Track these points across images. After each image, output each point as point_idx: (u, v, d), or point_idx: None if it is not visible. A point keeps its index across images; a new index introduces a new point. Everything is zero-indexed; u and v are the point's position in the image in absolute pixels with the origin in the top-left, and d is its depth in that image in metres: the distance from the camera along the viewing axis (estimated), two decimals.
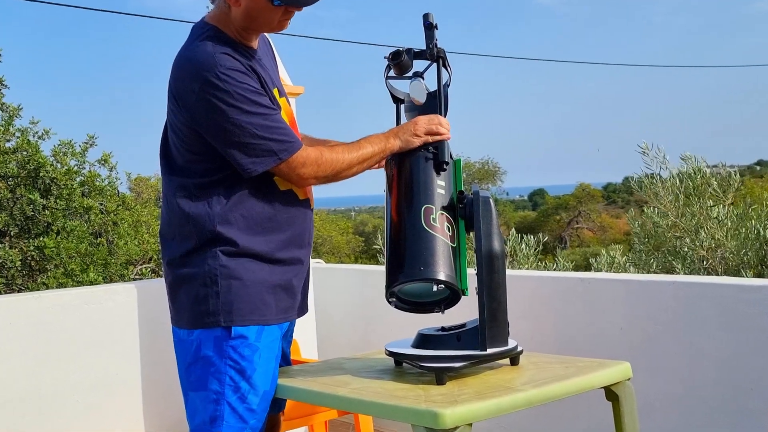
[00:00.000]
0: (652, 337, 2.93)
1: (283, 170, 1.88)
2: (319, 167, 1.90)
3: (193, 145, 1.87)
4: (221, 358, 1.86)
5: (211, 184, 1.88)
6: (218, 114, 1.80)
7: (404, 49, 2.02)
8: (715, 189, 5.85)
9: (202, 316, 1.87)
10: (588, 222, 32.41)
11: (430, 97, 2.06)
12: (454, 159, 2.00)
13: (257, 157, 1.84)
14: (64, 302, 3.32)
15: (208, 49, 1.83)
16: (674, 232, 5.83)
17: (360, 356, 2.26)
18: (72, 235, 7.62)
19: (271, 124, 1.85)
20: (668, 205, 5.87)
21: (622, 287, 3.05)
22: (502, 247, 1.89)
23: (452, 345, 1.89)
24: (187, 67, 1.84)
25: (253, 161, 1.84)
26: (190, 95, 1.82)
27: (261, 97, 1.84)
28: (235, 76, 1.80)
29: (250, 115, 1.81)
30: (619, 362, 1.96)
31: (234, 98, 1.79)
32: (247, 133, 1.81)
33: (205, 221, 1.87)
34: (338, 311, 4.22)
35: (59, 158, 8.02)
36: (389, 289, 1.87)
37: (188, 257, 1.89)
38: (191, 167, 1.90)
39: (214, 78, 1.78)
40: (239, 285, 1.86)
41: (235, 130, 1.81)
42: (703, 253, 5.60)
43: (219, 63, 1.80)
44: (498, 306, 1.86)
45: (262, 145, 1.83)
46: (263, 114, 1.83)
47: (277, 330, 1.94)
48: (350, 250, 23.59)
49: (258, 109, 1.82)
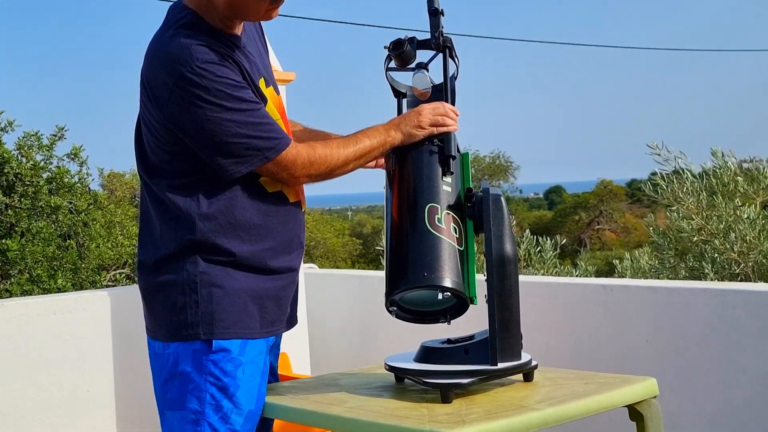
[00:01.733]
0: (682, 349, 2.93)
1: (271, 170, 1.88)
2: (312, 165, 1.90)
3: (169, 144, 1.87)
4: (201, 373, 1.86)
5: (189, 185, 1.88)
6: (195, 112, 1.79)
7: (407, 38, 2.02)
8: (744, 187, 5.84)
9: (179, 328, 1.87)
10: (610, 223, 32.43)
11: (436, 90, 2.05)
12: (462, 153, 2.00)
13: (240, 156, 1.83)
14: (29, 312, 3.32)
15: (183, 40, 1.82)
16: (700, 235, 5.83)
17: (357, 371, 2.26)
18: (38, 238, 7.62)
19: (255, 120, 1.84)
20: (691, 207, 5.87)
21: (648, 295, 3.05)
22: (514, 250, 1.88)
23: (459, 359, 1.89)
24: (161, 60, 1.83)
25: (236, 162, 1.83)
26: (163, 91, 1.81)
27: (243, 91, 1.84)
28: (214, 70, 1.80)
29: (231, 111, 1.81)
30: (645, 378, 1.96)
31: (212, 94, 1.79)
32: (228, 132, 1.81)
33: (184, 224, 1.87)
34: (333, 321, 4.22)
35: (24, 152, 8.03)
36: (390, 297, 1.87)
37: (165, 263, 1.89)
38: (167, 167, 1.89)
39: (189, 72, 1.78)
40: (221, 294, 1.86)
41: (215, 129, 1.80)
42: (734, 256, 5.59)
43: (195, 56, 1.79)
44: (510, 315, 1.86)
45: (245, 144, 1.83)
46: (246, 110, 1.83)
47: (263, 343, 1.94)
48: (347, 254, 23.60)
49: (240, 105, 1.82)
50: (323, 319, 4.22)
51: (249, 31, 2.02)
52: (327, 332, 4.22)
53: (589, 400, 1.83)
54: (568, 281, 3.46)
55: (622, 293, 3.12)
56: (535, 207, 45.66)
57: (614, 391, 1.88)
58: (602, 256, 22.09)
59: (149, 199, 1.94)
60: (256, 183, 1.92)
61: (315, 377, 2.23)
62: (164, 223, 1.90)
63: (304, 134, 2.17)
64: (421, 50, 2.04)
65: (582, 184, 47.56)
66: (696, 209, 5.86)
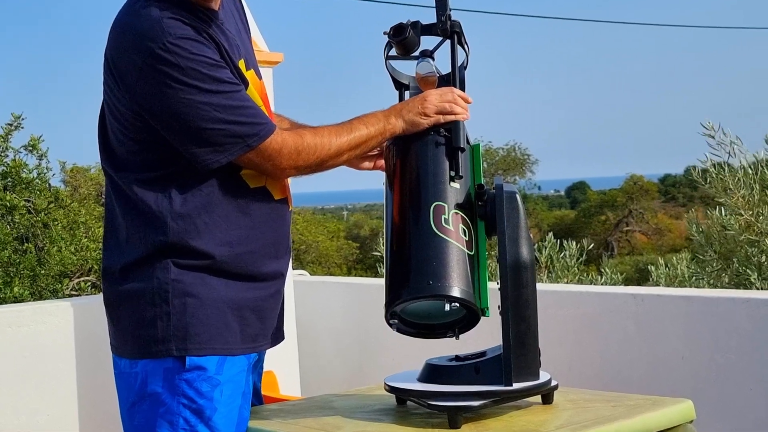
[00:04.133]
0: (722, 367, 2.93)
1: (254, 160, 1.88)
2: (299, 154, 1.90)
3: (137, 132, 1.88)
4: (173, 395, 1.86)
5: (160, 180, 1.88)
6: (166, 93, 1.80)
7: (409, 23, 2.02)
8: None
9: (148, 344, 1.87)
10: (641, 223, 32.45)
11: (442, 81, 2.06)
12: (472, 144, 2.00)
13: (218, 145, 1.83)
14: None
15: (153, 13, 1.82)
16: (748, 234, 5.81)
17: (354, 392, 2.27)
18: None
19: (236, 103, 1.85)
20: (740, 202, 5.85)
21: (683, 305, 3.06)
22: (531, 255, 1.89)
23: (469, 378, 1.89)
24: (128, 35, 1.84)
25: (213, 150, 1.84)
26: (131, 71, 1.82)
27: (221, 70, 1.84)
28: (188, 47, 1.80)
29: (208, 93, 1.81)
30: (680, 400, 1.97)
31: (186, 74, 1.79)
32: (204, 116, 1.81)
33: (154, 224, 1.87)
34: (326, 336, 4.22)
35: None
36: (390, 309, 1.87)
37: (132, 269, 1.90)
38: (135, 159, 1.90)
39: (161, 50, 1.79)
40: (196, 304, 1.86)
41: (189, 113, 1.81)
42: None
43: (167, 31, 1.80)
44: (527, 329, 1.86)
45: (224, 130, 1.83)
46: (225, 92, 1.83)
47: (244, 360, 1.94)
48: (342, 259, 23.62)
49: (218, 86, 1.82)
50: (315, 333, 4.22)
51: (227, 6, 2.02)
52: (319, 348, 4.22)
53: (617, 425, 1.83)
54: (592, 290, 3.47)
55: (654, 303, 3.12)
56: (556, 206, 45.73)
57: (645, 415, 1.89)
58: (631, 261, 22.12)
59: (115, 197, 1.94)
60: (237, 177, 1.92)
61: (306, 399, 2.23)
62: (132, 223, 1.90)
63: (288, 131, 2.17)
64: (426, 36, 2.04)
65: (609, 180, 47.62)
66: (745, 204, 5.84)
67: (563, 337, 3.24)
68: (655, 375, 3.08)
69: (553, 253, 6.96)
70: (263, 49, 3.71)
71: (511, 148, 33.41)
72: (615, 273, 7.42)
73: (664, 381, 3.04)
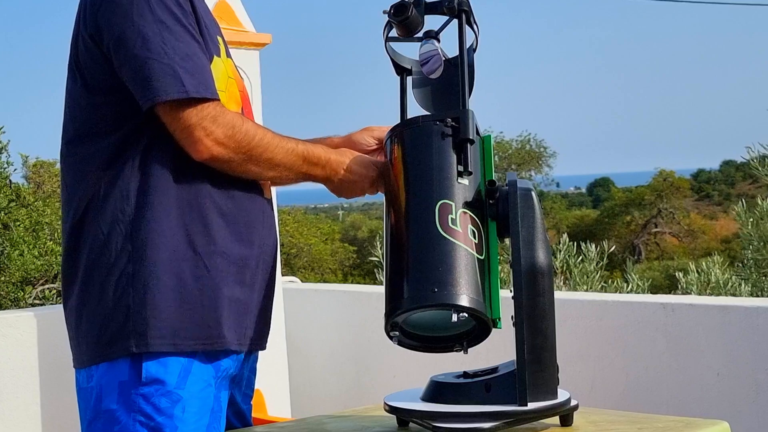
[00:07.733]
0: (762, 385, 2.94)
1: (185, 118, 1.88)
2: (235, 131, 1.91)
3: (98, 82, 1.92)
4: (128, 411, 1.86)
5: (124, 151, 1.90)
6: (120, 13, 1.87)
7: (412, 0, 2.02)
8: None
9: (103, 345, 1.88)
10: (671, 224, 32.49)
11: (449, 65, 2.06)
12: (483, 136, 2.00)
13: (158, 80, 1.86)
14: None
15: None
16: None
17: (350, 413, 2.27)
18: None
19: (189, 51, 1.89)
20: None
21: (719, 316, 3.06)
22: (549, 259, 1.89)
23: (479, 398, 1.89)
24: None
25: (151, 82, 1.86)
26: None
27: (186, 16, 1.90)
28: None
29: (162, 25, 1.87)
30: (715, 422, 1.97)
31: (153, 8, 1.86)
32: (151, 46, 1.86)
33: (114, 206, 1.89)
34: (319, 350, 4.22)
35: None
36: (391, 320, 1.87)
37: (89, 263, 1.90)
38: (95, 129, 1.93)
39: None
40: (158, 297, 1.86)
41: (137, 40, 1.86)
42: None
43: None
44: (544, 342, 1.86)
45: (166, 68, 1.86)
46: (180, 34, 1.88)
47: (209, 372, 1.93)
48: (337, 264, 23.66)
49: (174, 25, 1.88)
50: (306, 347, 4.22)
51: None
52: (311, 363, 4.22)
53: None
54: (617, 299, 3.46)
55: (686, 314, 3.12)
56: (576, 204, 45.78)
57: None
58: (661, 266, 22.14)
59: (69, 181, 1.97)
60: None
61: (297, 420, 2.23)
62: (89, 206, 1.92)
63: None
64: (431, 15, 2.04)
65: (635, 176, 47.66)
66: None
67: (584, 351, 3.24)
68: (687, 394, 3.08)
69: (570, 258, 6.95)
70: (248, 29, 3.71)
71: (525, 139, 33.46)
72: (642, 280, 7.43)
73: (697, 401, 3.04)
